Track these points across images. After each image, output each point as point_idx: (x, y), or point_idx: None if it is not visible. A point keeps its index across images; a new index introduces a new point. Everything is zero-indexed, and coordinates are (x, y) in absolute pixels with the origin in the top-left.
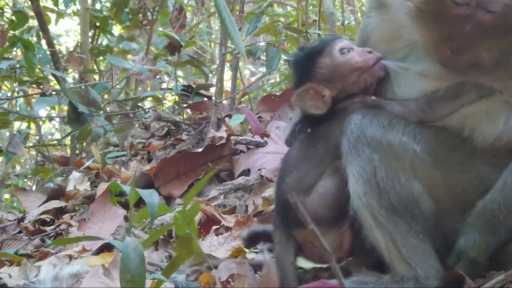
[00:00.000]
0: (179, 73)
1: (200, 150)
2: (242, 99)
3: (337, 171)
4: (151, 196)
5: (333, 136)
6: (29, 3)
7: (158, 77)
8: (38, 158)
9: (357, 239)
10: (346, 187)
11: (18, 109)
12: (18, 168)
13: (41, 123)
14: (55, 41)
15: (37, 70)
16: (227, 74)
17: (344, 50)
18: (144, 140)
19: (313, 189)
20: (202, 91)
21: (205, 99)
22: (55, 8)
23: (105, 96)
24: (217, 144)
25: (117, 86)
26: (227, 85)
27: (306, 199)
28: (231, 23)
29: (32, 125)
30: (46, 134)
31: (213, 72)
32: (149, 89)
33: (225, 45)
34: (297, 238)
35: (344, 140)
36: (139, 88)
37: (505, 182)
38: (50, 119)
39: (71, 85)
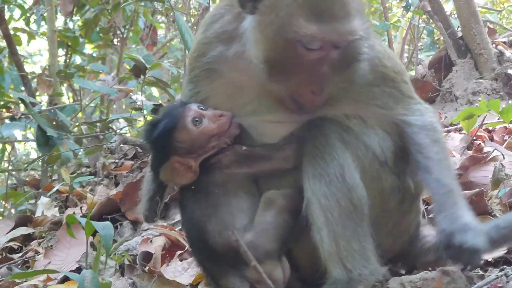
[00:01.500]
0: (154, 91)
1: None
2: None
3: (270, 205)
4: (105, 229)
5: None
6: None
7: (130, 96)
8: (10, 182)
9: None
10: (283, 217)
11: None
12: None
13: (11, 146)
14: (28, 61)
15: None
16: None
17: (196, 120)
18: (116, 161)
19: (254, 226)
20: None
21: None
22: (27, 29)
23: (80, 114)
24: None
25: (91, 105)
26: None
27: (251, 238)
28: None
29: (8, 146)
30: (21, 156)
31: None
32: (124, 106)
33: (186, 65)
34: (250, 277)
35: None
36: (114, 106)
37: (437, 180)
38: (26, 140)
39: (42, 108)
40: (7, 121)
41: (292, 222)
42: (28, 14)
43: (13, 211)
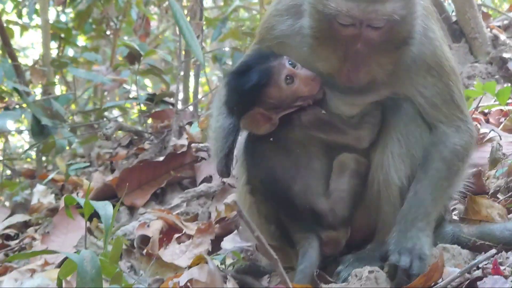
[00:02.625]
0: (147, 81)
1: (161, 159)
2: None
3: (344, 169)
4: (105, 208)
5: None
6: None
7: (124, 86)
8: (5, 171)
9: None
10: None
11: None
12: None
13: (8, 137)
14: (21, 54)
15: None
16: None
17: (288, 79)
18: (111, 150)
19: (331, 192)
20: (167, 99)
21: (171, 107)
22: (19, 21)
23: (73, 106)
24: (179, 152)
25: (84, 97)
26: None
27: (330, 205)
28: (188, 31)
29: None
30: (15, 147)
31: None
32: (117, 98)
33: (181, 53)
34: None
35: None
36: (108, 98)
37: (415, 192)
38: (19, 132)
39: (36, 98)
40: (0, 111)
41: (360, 187)
42: (20, 7)
43: (7, 203)
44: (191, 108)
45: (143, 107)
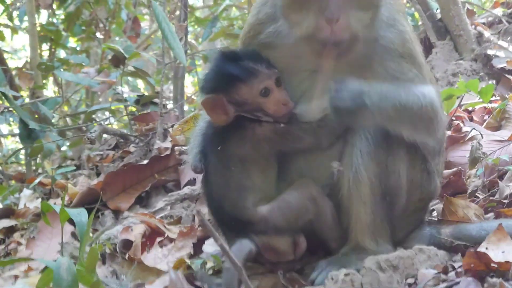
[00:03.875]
0: (140, 82)
1: (145, 162)
2: None
3: (301, 190)
4: (79, 216)
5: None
6: None
7: (113, 88)
8: None
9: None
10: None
11: None
12: None
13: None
14: (13, 57)
15: None
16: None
17: (264, 91)
18: (101, 152)
19: (271, 203)
20: (156, 100)
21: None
22: (10, 24)
23: (65, 108)
24: (162, 155)
25: (77, 99)
26: (187, 91)
27: (265, 212)
28: (170, 33)
29: None
30: (7, 151)
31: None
32: (110, 99)
33: (164, 55)
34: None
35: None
36: (100, 99)
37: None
38: (13, 135)
39: (23, 102)
40: None
41: (314, 215)
42: (10, 10)
43: None
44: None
45: (133, 109)
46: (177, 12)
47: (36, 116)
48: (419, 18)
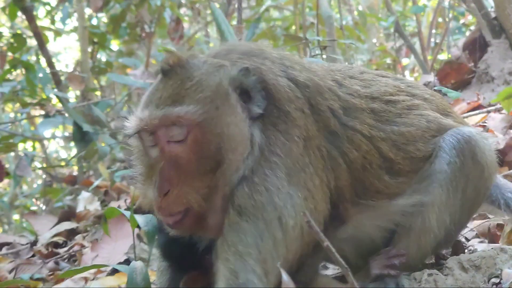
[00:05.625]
0: None
1: None
2: None
3: None
4: (148, 224)
5: None
6: (26, 23)
7: None
8: (45, 178)
9: None
10: None
11: (21, 130)
12: (25, 188)
13: (46, 143)
14: (54, 59)
15: (38, 91)
16: None
17: None
18: None
19: None
20: None
21: None
22: (52, 27)
23: (109, 111)
24: None
25: (120, 102)
26: None
27: None
28: (230, 35)
29: (37, 145)
30: (51, 153)
31: None
32: None
33: None
34: None
35: None
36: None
37: None
38: (54, 138)
39: (74, 105)
40: (40, 119)
41: None
42: (53, 13)
43: (44, 207)
44: None
45: None
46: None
47: (89, 118)
48: (465, 18)
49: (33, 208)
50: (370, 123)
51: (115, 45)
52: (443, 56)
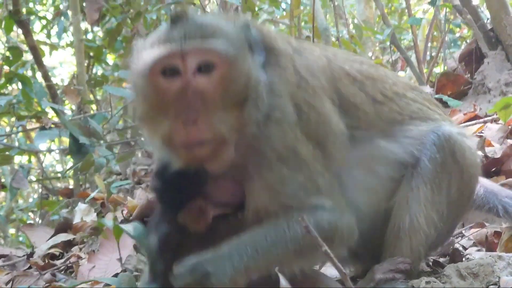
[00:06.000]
0: None
1: None
2: None
3: None
4: (136, 230)
5: None
6: (22, 37)
7: None
8: (41, 191)
9: None
10: None
11: (17, 143)
12: (21, 201)
13: (42, 156)
14: (50, 74)
15: (35, 104)
16: None
17: None
18: (146, 167)
19: None
20: None
21: None
22: (48, 41)
23: (105, 125)
24: None
25: (116, 115)
26: None
27: None
28: None
29: (33, 158)
30: (47, 166)
31: None
32: None
33: None
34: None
35: None
36: None
37: None
38: (50, 151)
39: (70, 117)
40: (36, 132)
41: None
42: (49, 27)
43: (40, 221)
44: None
45: None
46: None
47: (85, 131)
48: (460, 31)
49: (29, 222)
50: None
51: (110, 59)
52: (438, 69)
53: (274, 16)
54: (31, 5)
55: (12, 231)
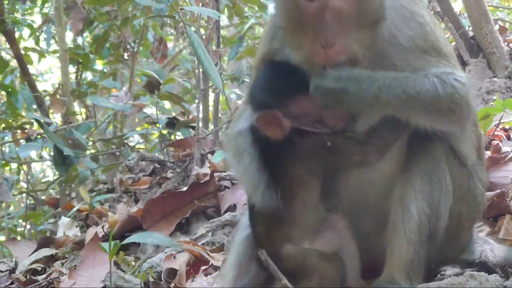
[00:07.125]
0: (166, 104)
1: (185, 188)
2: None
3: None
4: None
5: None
6: (8, 45)
7: (143, 110)
8: (28, 201)
9: None
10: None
11: (1, 155)
12: (11, 208)
13: (25, 167)
14: (39, 79)
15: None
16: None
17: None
18: (133, 175)
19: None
20: (193, 124)
21: (191, 130)
22: (37, 48)
23: (92, 134)
24: (202, 181)
25: (106, 121)
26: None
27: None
28: (206, 59)
29: (24, 167)
30: (38, 173)
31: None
32: (137, 120)
33: (200, 80)
34: None
35: None
36: (128, 120)
37: None
38: (38, 161)
39: (56, 128)
40: (22, 142)
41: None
42: (37, 33)
43: (31, 231)
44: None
45: (164, 132)
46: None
47: (70, 142)
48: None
49: (20, 229)
50: None
51: (99, 65)
52: None
53: (262, 19)
54: (16, 14)
55: (2, 238)
